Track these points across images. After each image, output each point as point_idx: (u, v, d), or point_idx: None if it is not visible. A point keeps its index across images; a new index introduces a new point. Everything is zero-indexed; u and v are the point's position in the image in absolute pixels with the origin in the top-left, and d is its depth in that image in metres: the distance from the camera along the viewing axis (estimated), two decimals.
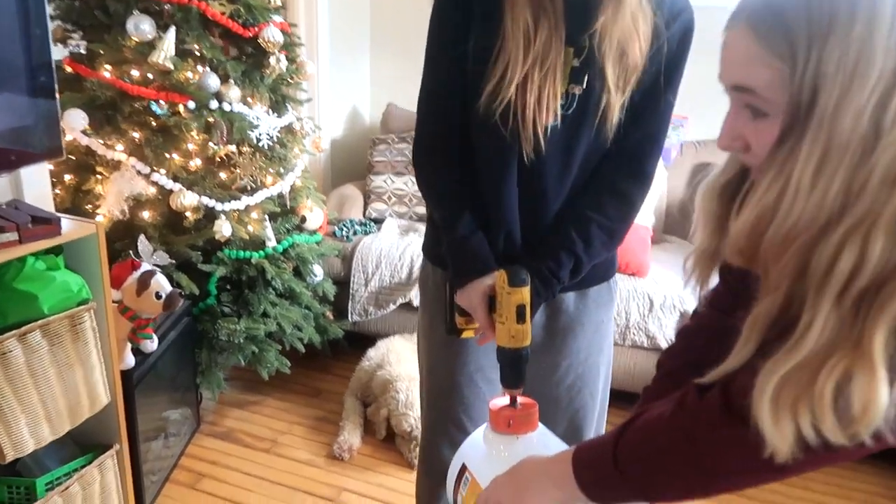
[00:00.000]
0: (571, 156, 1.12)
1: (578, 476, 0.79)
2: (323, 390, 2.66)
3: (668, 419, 0.74)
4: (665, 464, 0.73)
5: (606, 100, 1.06)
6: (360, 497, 2.05)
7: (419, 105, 1.18)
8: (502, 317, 1.08)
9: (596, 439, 0.83)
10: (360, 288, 2.79)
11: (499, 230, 1.18)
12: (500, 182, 1.14)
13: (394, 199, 3.19)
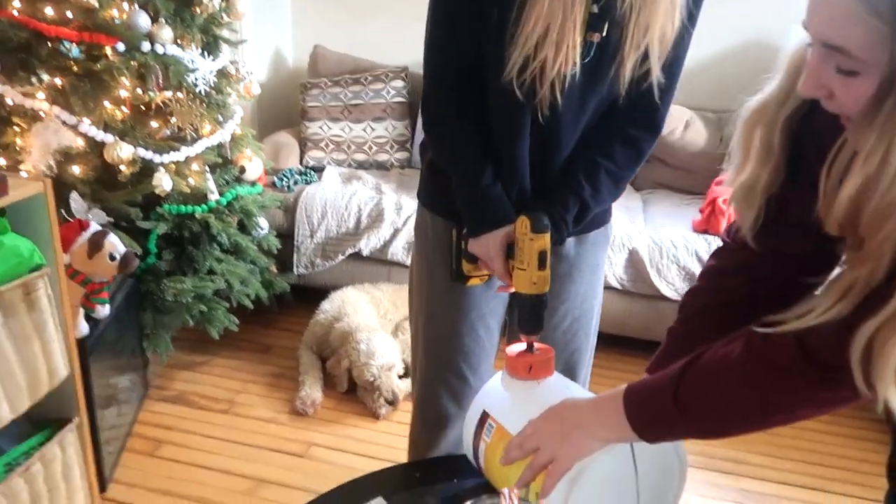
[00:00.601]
0: (585, 106, 1.11)
1: (631, 415, 0.81)
2: (273, 346, 2.59)
3: (735, 362, 0.76)
4: (730, 404, 0.76)
5: (624, 47, 1.04)
6: (330, 450, 2.04)
7: (428, 57, 1.14)
8: (524, 263, 1.07)
9: (647, 381, 0.84)
10: (305, 240, 2.71)
11: (512, 185, 1.17)
12: (515, 137, 1.13)
13: (332, 147, 3.08)
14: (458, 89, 1.14)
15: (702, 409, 0.79)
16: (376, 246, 2.64)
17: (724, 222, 2.41)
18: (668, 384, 0.80)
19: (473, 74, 1.12)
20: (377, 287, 2.58)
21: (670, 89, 1.13)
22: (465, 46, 1.10)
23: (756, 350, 0.75)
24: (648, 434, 0.83)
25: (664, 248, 2.41)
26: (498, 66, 1.06)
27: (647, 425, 0.81)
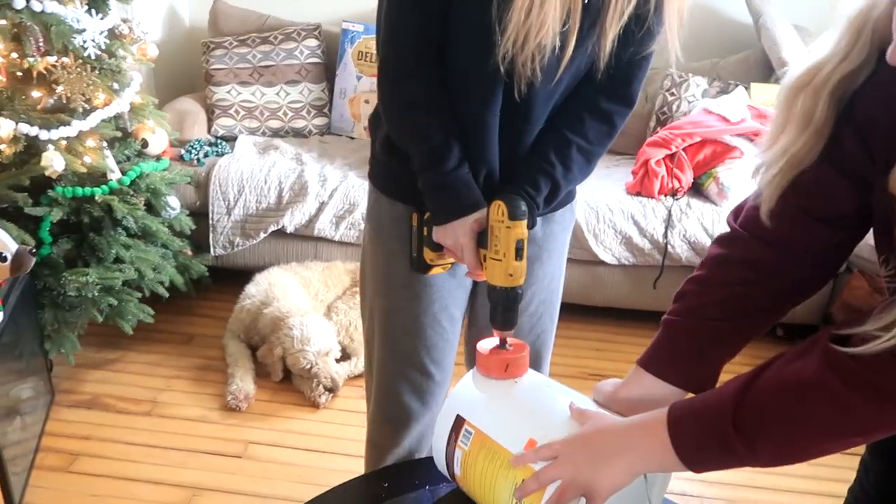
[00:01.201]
0: (560, 80, 1.03)
1: (679, 444, 0.72)
2: (195, 336, 2.39)
3: (812, 383, 0.67)
4: (806, 429, 0.68)
5: (606, 16, 0.96)
6: (270, 447, 1.90)
7: (388, 23, 1.01)
8: (498, 253, 0.99)
9: (694, 403, 0.74)
10: (221, 217, 2.49)
11: (480, 167, 1.07)
12: (486, 115, 1.03)
13: (243, 113, 2.84)
14: (422, 62, 1.01)
15: (769, 436, 0.69)
16: (301, 221, 2.46)
17: (657, 184, 2.40)
18: (723, 407, 0.70)
19: (439, 47, 1.00)
20: (305, 266, 2.41)
21: (648, 58, 1.05)
22: (433, 14, 0.97)
23: (839, 367, 0.66)
24: (699, 465, 0.73)
25: (600, 212, 2.38)
26: (477, 38, 0.94)
27: (697, 455, 0.72)
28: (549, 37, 0.93)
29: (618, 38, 0.99)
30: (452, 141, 1.03)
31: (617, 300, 2.49)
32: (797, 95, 0.69)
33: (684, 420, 0.72)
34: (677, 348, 0.88)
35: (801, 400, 0.67)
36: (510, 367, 0.96)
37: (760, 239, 0.82)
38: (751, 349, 0.89)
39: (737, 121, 2.41)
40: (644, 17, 0.98)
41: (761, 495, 1.81)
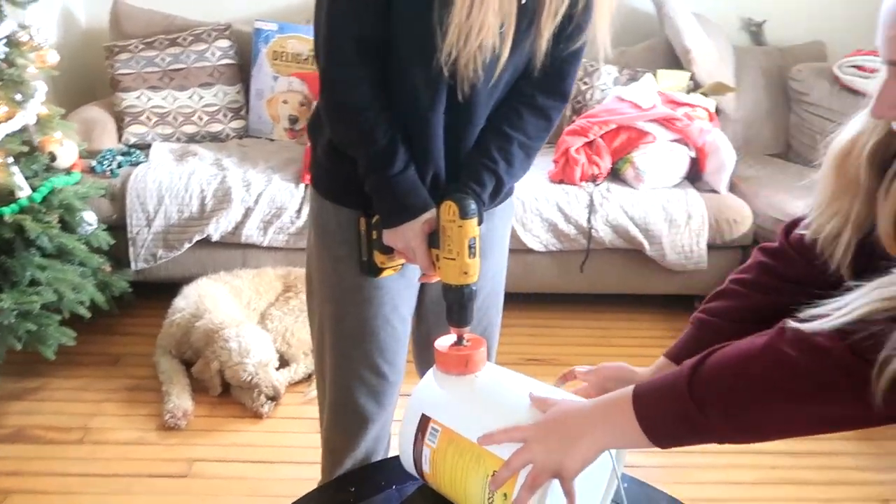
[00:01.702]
0: (500, 79, 1.05)
1: (643, 417, 0.76)
2: (122, 356, 2.29)
3: (763, 350, 0.71)
4: (755, 396, 0.71)
5: (541, 16, 0.99)
6: (216, 463, 1.85)
7: (327, 27, 1.00)
8: (452, 252, 1.01)
9: (657, 378, 0.79)
10: (141, 230, 2.39)
11: (426, 168, 1.09)
12: (430, 117, 1.04)
13: (155, 120, 2.72)
14: (363, 66, 1.02)
15: (721, 402, 0.72)
16: (227, 229, 2.40)
17: (577, 171, 2.49)
18: (681, 378, 0.74)
19: (380, 49, 1.00)
20: (235, 275, 2.36)
21: (580, 54, 1.10)
22: (372, 17, 0.98)
23: (790, 338, 0.70)
24: (662, 437, 0.76)
25: (527, 202, 2.44)
26: (420, 41, 0.96)
27: (660, 427, 0.75)
28: (489, 38, 0.95)
29: (552, 36, 1.02)
30: (398, 143, 1.05)
31: (547, 286, 2.57)
32: (843, 164, 0.76)
33: (646, 394, 0.77)
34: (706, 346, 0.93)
35: (750, 365, 0.72)
36: (470, 363, 0.99)
37: (808, 263, 0.87)
38: None
39: (648, 107, 2.53)
40: (575, 15, 1.03)
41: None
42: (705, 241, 2.47)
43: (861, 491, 1.85)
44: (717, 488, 1.84)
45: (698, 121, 2.54)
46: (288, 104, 2.83)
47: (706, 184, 2.59)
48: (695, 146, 2.53)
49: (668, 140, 2.52)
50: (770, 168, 2.88)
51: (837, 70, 2.87)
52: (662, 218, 2.45)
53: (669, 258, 2.47)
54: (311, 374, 2.19)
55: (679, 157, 2.53)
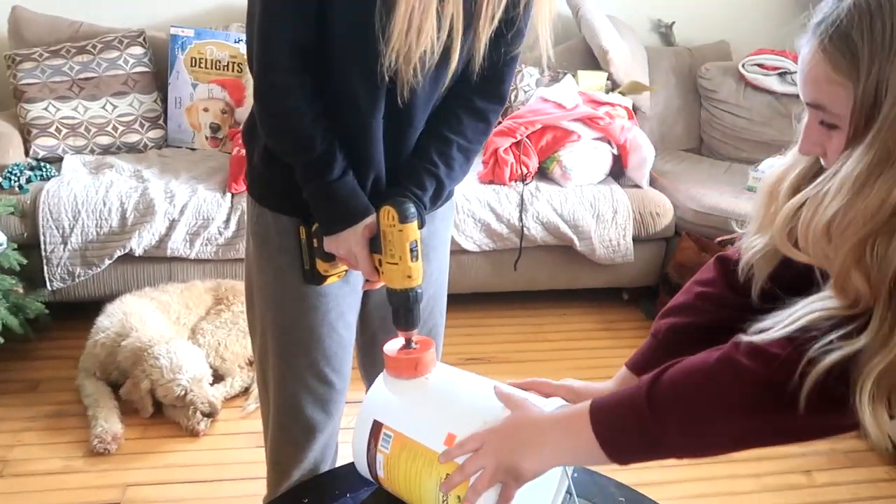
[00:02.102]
0: (438, 84, 1.06)
1: (600, 431, 0.75)
2: (41, 381, 2.15)
3: (719, 362, 0.72)
4: (716, 405, 0.72)
5: (479, 21, 1.00)
6: (152, 486, 1.77)
7: (262, 34, 0.99)
8: (394, 257, 1.02)
9: (613, 393, 0.79)
10: (56, 248, 2.26)
11: (367, 174, 1.09)
12: (370, 123, 1.04)
13: (65, 131, 2.59)
14: (297, 73, 1.01)
15: (678, 413, 0.72)
16: (150, 243, 2.30)
17: (507, 171, 2.53)
18: (639, 391, 0.74)
19: (315, 55, 1.00)
20: (161, 290, 2.26)
21: (517, 58, 1.12)
22: (306, 24, 0.97)
23: (744, 349, 0.71)
24: (619, 452, 0.75)
25: (459, 203, 2.46)
26: (361, 48, 0.96)
27: (617, 442, 0.75)
28: (430, 43, 0.96)
29: (490, 40, 1.04)
30: (335, 149, 1.04)
31: (481, 285, 2.60)
32: (773, 192, 0.80)
33: (604, 408, 0.77)
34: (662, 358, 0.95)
35: (709, 376, 0.73)
36: (420, 365, 0.99)
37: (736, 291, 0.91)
38: None
39: (572, 107, 2.60)
40: (514, 19, 1.04)
41: None
42: (631, 235, 2.56)
43: (785, 464, 1.96)
44: (652, 472, 1.89)
45: (619, 119, 2.64)
46: (209, 112, 2.75)
47: (629, 179, 2.68)
48: (617, 143, 2.62)
49: (592, 138, 2.60)
50: (686, 162, 3.02)
51: (742, 68, 3.04)
52: (590, 214, 2.53)
53: (598, 253, 2.54)
54: (248, 387, 2.14)
55: (603, 154, 2.61)
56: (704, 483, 1.89)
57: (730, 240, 2.65)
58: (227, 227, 2.34)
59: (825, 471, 1.95)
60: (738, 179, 2.78)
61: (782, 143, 3.03)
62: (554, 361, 2.42)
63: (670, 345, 0.94)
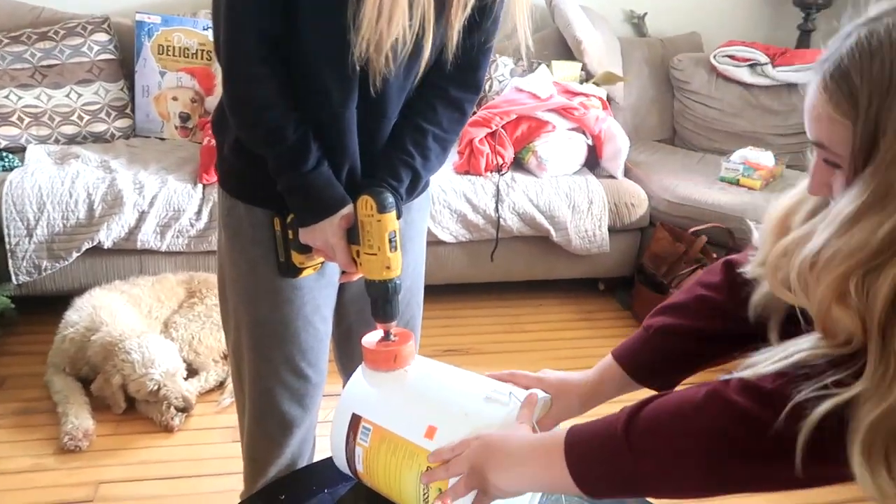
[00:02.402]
0: (411, 73, 1.05)
1: (574, 465, 0.74)
2: (7, 377, 2.10)
3: (707, 398, 0.69)
4: (701, 443, 0.69)
5: (451, 9, 0.99)
6: (125, 483, 1.74)
7: (229, 22, 0.97)
8: (373, 248, 1.01)
9: (589, 426, 0.76)
10: (21, 240, 2.20)
11: (342, 164, 1.07)
12: (343, 113, 1.03)
13: (28, 120, 2.51)
14: (266, 62, 0.99)
15: (656, 449, 0.70)
16: (120, 235, 2.25)
17: (482, 161, 2.52)
18: (616, 425, 0.72)
19: (284, 45, 0.98)
20: (132, 283, 2.21)
21: (491, 47, 1.11)
22: (274, 12, 0.95)
23: (735, 385, 0.68)
24: (593, 488, 0.74)
25: (435, 194, 2.45)
26: (332, 38, 0.94)
27: (591, 478, 0.73)
28: (401, 32, 0.95)
29: (464, 28, 1.03)
30: (308, 139, 1.02)
31: (458, 276, 2.60)
32: (782, 224, 0.78)
33: (579, 442, 0.75)
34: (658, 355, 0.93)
35: (694, 412, 0.70)
36: (399, 358, 0.98)
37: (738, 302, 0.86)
38: None
39: (546, 97, 2.60)
40: (489, 7, 1.03)
41: None
42: (606, 226, 2.58)
43: None
44: None
45: (593, 109, 2.64)
46: (178, 101, 2.69)
47: (603, 170, 2.70)
48: (591, 134, 2.63)
49: (567, 129, 2.61)
50: (659, 153, 3.04)
51: (713, 59, 3.07)
52: (566, 205, 2.53)
53: (574, 244, 2.55)
54: (223, 381, 2.11)
55: (578, 145, 2.62)
56: None
57: (704, 230, 2.68)
58: (199, 219, 2.29)
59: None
60: (711, 170, 2.81)
61: (753, 133, 3.10)
62: (531, 352, 2.43)
63: (659, 343, 0.93)
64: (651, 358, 0.93)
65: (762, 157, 2.68)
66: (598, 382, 0.96)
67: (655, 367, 0.93)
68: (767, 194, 2.60)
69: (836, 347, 0.65)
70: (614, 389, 0.95)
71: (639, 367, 0.94)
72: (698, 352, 0.91)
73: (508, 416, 0.89)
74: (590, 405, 0.96)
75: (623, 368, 0.93)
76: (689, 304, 0.92)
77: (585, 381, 0.96)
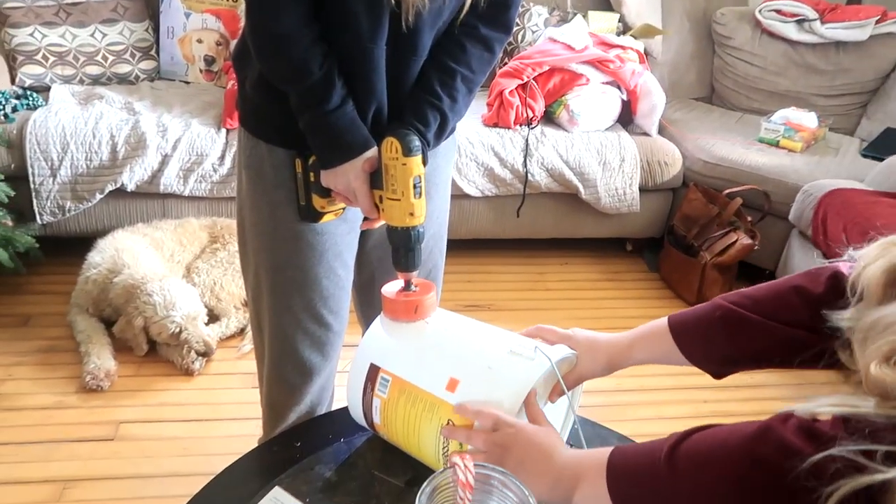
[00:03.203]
0: (443, 8, 0.99)
1: (613, 485, 0.70)
2: (32, 316, 2.12)
3: (760, 431, 0.63)
4: (738, 482, 0.63)
5: None
6: (145, 424, 1.75)
7: None
8: (396, 193, 0.96)
9: (635, 449, 0.73)
10: (45, 180, 2.19)
11: (368, 104, 1.01)
12: (373, 45, 0.96)
13: (52, 59, 2.48)
14: None
15: (693, 480, 0.66)
16: (143, 178, 2.23)
17: (512, 114, 2.45)
18: (660, 453, 0.68)
19: None
20: (154, 226, 2.20)
21: None
22: None
23: (793, 425, 0.61)
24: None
25: (462, 146, 2.39)
26: None
27: (628, 494, 0.70)
28: None
29: None
30: (333, 75, 0.97)
31: (482, 231, 2.55)
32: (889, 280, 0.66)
33: (623, 462, 0.72)
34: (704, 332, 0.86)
35: (732, 442, 0.65)
36: (420, 309, 0.95)
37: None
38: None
39: (581, 48, 2.50)
40: None
41: None
42: (637, 184, 2.50)
43: None
44: (653, 424, 1.90)
45: (630, 63, 2.54)
46: (203, 43, 2.64)
47: (637, 126, 2.60)
48: (626, 88, 2.53)
49: (601, 82, 2.51)
50: (696, 111, 2.93)
51: (759, 14, 2.92)
52: (597, 161, 2.45)
53: (604, 202, 2.48)
54: (243, 328, 2.11)
55: (611, 99, 2.52)
56: None
57: (739, 192, 2.58)
58: (222, 164, 2.26)
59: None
60: (750, 130, 2.70)
61: (796, 93, 2.95)
62: (554, 311, 2.39)
63: (725, 329, 0.83)
64: (711, 342, 0.85)
65: (805, 119, 2.57)
66: (629, 346, 0.91)
67: (713, 352, 0.86)
68: (808, 157, 2.50)
69: (877, 407, 0.57)
70: (651, 355, 0.90)
71: (695, 345, 0.86)
72: (765, 353, 0.83)
73: (532, 370, 0.85)
74: (616, 367, 0.92)
75: (676, 341, 0.87)
76: (774, 303, 0.82)
77: (616, 342, 0.92)
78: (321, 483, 0.94)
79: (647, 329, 0.91)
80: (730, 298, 0.85)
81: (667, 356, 0.88)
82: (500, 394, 0.84)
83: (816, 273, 0.81)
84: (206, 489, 0.95)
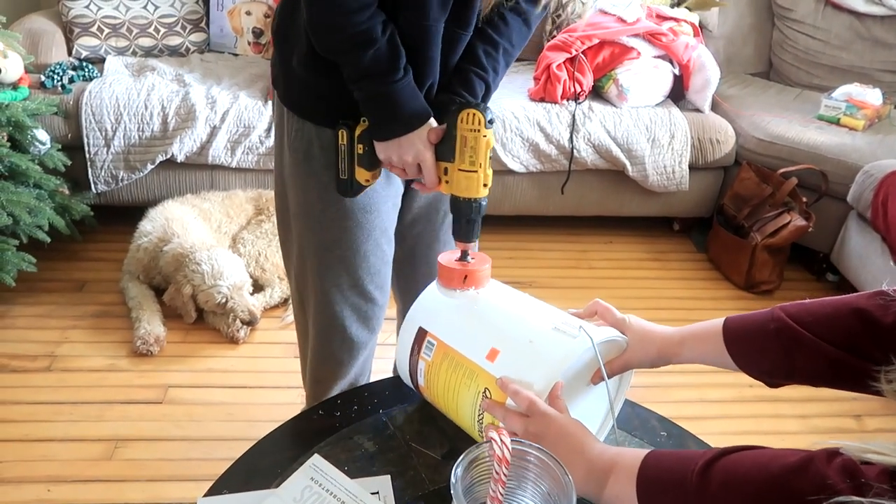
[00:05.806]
0: None
1: (642, 473, 0.69)
2: (87, 281, 2.19)
3: (801, 464, 0.61)
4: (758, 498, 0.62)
5: None
6: (192, 389, 1.81)
7: None
8: (474, 164, 0.96)
9: (668, 461, 0.71)
10: (100, 150, 2.25)
11: (427, 76, 1.00)
12: (440, 17, 0.96)
13: (107, 31, 2.53)
14: None
15: (724, 500, 0.64)
16: (192, 149, 2.27)
17: (559, 88, 2.40)
18: (692, 471, 0.66)
19: None
20: (203, 197, 2.25)
21: None
22: None
23: (838, 464, 0.58)
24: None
25: (507, 120, 2.36)
26: None
27: (655, 500, 0.69)
28: None
29: None
30: (397, 42, 0.95)
31: (526, 208, 2.52)
32: None
33: (656, 465, 0.71)
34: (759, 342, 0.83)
35: (780, 474, 0.63)
36: (470, 278, 0.95)
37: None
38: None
39: (633, 21, 2.43)
40: None
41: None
42: (687, 162, 2.43)
43: (834, 407, 1.90)
44: (695, 407, 1.87)
45: (683, 36, 2.46)
46: (251, 16, 2.65)
47: (689, 102, 2.53)
48: (679, 63, 2.45)
49: (652, 56, 2.44)
50: (752, 87, 2.83)
51: None
52: (645, 138, 2.39)
53: (651, 180, 2.43)
54: (286, 298, 2.14)
55: (663, 74, 2.45)
56: (749, 421, 1.85)
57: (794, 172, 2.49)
58: (269, 137, 2.29)
59: (877, 416, 1.88)
60: (809, 108, 2.59)
61: (861, 69, 2.81)
62: (598, 290, 2.35)
63: (780, 346, 0.80)
64: (763, 354, 0.81)
65: (869, 95, 2.45)
66: (680, 342, 0.88)
67: (764, 364, 0.82)
68: (870, 136, 2.39)
69: None
70: (701, 356, 0.87)
71: (746, 355, 0.83)
72: (818, 373, 0.79)
73: (572, 348, 0.84)
74: (665, 362, 0.89)
75: (728, 348, 0.83)
76: (832, 323, 0.77)
77: (669, 337, 0.89)
78: (360, 452, 0.95)
79: (700, 328, 0.87)
80: (788, 310, 0.80)
81: (717, 360, 0.85)
82: (536, 372, 0.83)
83: (887, 302, 0.74)
84: (248, 454, 0.97)
